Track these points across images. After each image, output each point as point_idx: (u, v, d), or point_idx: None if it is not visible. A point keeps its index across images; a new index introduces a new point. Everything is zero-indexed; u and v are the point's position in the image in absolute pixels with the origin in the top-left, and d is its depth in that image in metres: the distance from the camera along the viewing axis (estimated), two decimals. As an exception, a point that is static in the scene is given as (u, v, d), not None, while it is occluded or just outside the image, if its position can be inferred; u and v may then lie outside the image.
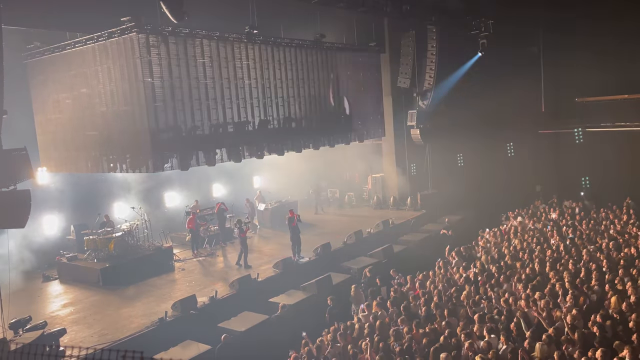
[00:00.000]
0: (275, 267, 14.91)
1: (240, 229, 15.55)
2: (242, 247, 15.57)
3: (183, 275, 15.26)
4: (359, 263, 15.56)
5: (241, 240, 15.57)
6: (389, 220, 19.73)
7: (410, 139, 22.44)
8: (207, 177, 21.36)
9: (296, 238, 15.76)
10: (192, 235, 17.31)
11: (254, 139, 16.00)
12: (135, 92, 13.55)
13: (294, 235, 15.81)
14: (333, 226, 20.77)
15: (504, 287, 10.69)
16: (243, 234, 15.55)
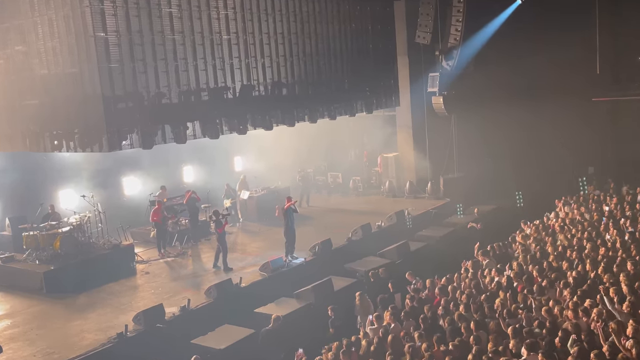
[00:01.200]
0: (263, 269, 14.98)
1: (218, 223, 15.57)
2: (220, 244, 15.63)
3: (147, 280, 15.35)
4: (366, 264, 15.65)
5: (218, 236, 15.62)
6: (404, 211, 19.83)
7: (431, 109, 22.45)
8: (176, 157, 21.42)
9: (292, 233, 15.80)
10: (157, 230, 17.36)
11: (235, 109, 15.95)
12: (84, 51, 13.38)
13: (288, 230, 15.84)
14: (334, 219, 20.92)
15: (546, 294, 10.76)
16: (220, 228, 15.56)
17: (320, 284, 13.88)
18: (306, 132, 22.31)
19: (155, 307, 12.59)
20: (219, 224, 15.56)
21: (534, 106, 22.88)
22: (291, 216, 15.87)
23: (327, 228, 19.33)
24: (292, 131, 19.80)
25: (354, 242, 17.35)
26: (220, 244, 15.64)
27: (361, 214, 20.87)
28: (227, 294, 13.68)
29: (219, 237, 15.62)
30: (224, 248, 15.60)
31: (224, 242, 15.68)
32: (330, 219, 20.79)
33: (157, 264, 16.64)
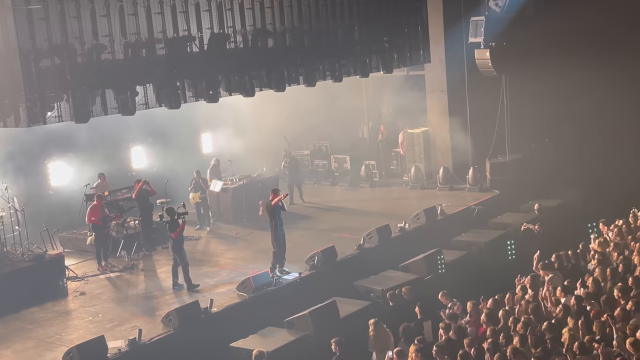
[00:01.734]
0: (242, 288, 15.00)
1: (172, 224, 15.54)
2: (176, 255, 15.63)
3: (82, 304, 15.40)
4: (384, 282, 15.69)
5: (173, 244, 15.60)
6: (436, 208, 19.86)
7: (473, 67, 22.42)
8: (121, 135, 21.42)
9: (281, 239, 15.87)
10: (96, 235, 17.41)
11: (202, 68, 15.91)
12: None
13: (277, 234, 15.86)
14: (340, 219, 20.99)
15: (633, 321, 10.76)
16: (175, 232, 15.51)
17: (320, 309, 13.90)
18: (301, 99, 22.30)
19: (93, 341, 12.61)
20: (173, 227, 15.52)
21: (615, 63, 22.72)
22: (279, 215, 15.85)
23: (329, 232, 19.34)
24: (282, 98, 19.77)
25: (367, 252, 17.36)
26: (176, 254, 15.62)
27: (377, 213, 20.88)
28: (193, 323, 13.68)
29: (174, 245, 15.61)
30: (182, 259, 15.59)
31: (181, 251, 15.65)
32: (334, 220, 20.81)
33: (97, 282, 16.65)
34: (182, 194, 19.93)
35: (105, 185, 19.35)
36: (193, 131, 24.06)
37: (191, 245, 18.42)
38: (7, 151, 18.64)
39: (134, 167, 22.43)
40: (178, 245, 15.59)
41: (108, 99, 14.46)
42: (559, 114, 23.39)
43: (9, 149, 18.64)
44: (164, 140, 22.49)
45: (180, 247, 15.61)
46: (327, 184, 25.47)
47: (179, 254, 15.59)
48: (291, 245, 17.86)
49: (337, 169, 25.59)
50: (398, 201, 22.47)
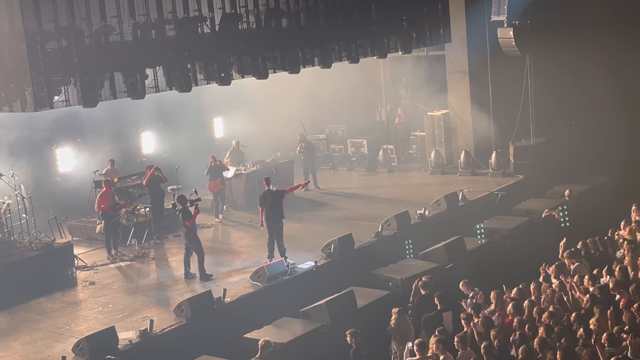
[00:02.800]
0: (256, 278, 15.04)
1: (185, 213, 15.59)
2: (190, 244, 15.70)
3: (92, 294, 15.49)
4: (403, 270, 15.69)
5: (187, 233, 15.65)
6: (457, 194, 19.82)
7: (496, 47, 22.28)
8: (131, 119, 21.50)
9: (276, 226, 15.95)
10: (106, 223, 17.49)
11: (214, 50, 15.86)
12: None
13: (270, 221, 16.00)
14: (357, 206, 21.03)
15: (664, 312, 10.67)
16: (190, 220, 15.57)
17: (337, 299, 13.89)
18: (316, 81, 22.25)
19: (104, 332, 12.65)
20: (186, 215, 15.57)
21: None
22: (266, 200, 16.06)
23: (346, 219, 19.36)
24: (296, 80, 19.71)
25: (386, 239, 17.34)
26: (190, 243, 15.68)
27: (395, 199, 20.89)
28: (206, 313, 13.72)
29: (188, 234, 15.66)
30: (198, 248, 15.65)
31: (196, 240, 15.73)
32: (351, 207, 20.84)
33: (106, 271, 16.73)
34: (193, 180, 19.96)
35: (115, 171, 19.43)
36: (205, 115, 24.10)
37: (203, 233, 18.46)
38: (13, 137, 18.75)
39: (144, 153, 22.52)
40: (192, 233, 15.63)
41: (117, 83, 14.44)
42: (586, 95, 23.19)
43: (15, 134, 18.74)
44: (175, 125, 22.55)
45: (194, 236, 15.67)
46: (344, 169, 25.44)
47: (194, 243, 15.64)
48: (306, 233, 17.86)
49: (353, 154, 25.54)
50: (417, 187, 22.45)
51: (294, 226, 18.76)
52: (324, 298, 13.80)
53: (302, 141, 22.82)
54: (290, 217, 19.55)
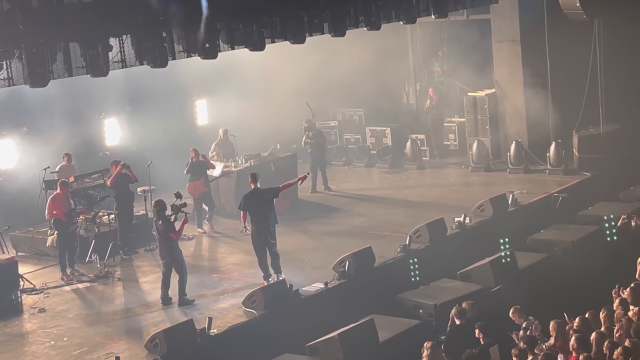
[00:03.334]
0: (250, 303, 15.01)
1: (167, 224, 15.58)
2: (172, 261, 15.71)
3: (42, 324, 15.42)
4: (437, 294, 15.65)
5: (169, 247, 15.63)
6: (506, 197, 19.79)
7: (556, 9, 22.22)
8: (91, 102, 21.50)
9: (264, 235, 16.07)
10: (60, 233, 17.50)
11: (195, 14, 15.79)
12: None
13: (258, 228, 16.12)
14: (377, 212, 20.97)
15: None
16: (175, 232, 15.60)
17: (353, 330, 13.83)
18: (326, 54, 22.18)
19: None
20: (168, 226, 15.53)
21: None
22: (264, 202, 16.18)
23: (364, 229, 19.33)
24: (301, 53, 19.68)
25: (415, 254, 17.28)
26: (172, 259, 15.62)
27: (427, 203, 20.82)
28: (186, 348, 13.67)
29: (171, 249, 15.59)
30: (181, 267, 15.62)
31: (181, 257, 15.69)
32: (371, 213, 20.81)
33: (60, 295, 16.70)
34: (170, 179, 19.95)
35: (71, 168, 19.39)
36: (184, 97, 24.08)
37: (183, 246, 18.46)
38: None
39: (107, 145, 22.50)
40: (170, 248, 15.59)
41: (73, 56, 14.40)
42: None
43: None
44: (147, 110, 22.52)
45: (172, 250, 15.62)
46: (361, 164, 25.44)
47: (176, 260, 15.59)
48: (314, 247, 17.80)
49: (374, 146, 25.53)
50: (455, 188, 22.39)
51: (297, 238, 18.74)
52: (337, 329, 13.77)
53: (309, 129, 22.78)
54: (294, 226, 19.59)
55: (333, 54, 22.52)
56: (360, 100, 25.91)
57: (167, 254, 15.71)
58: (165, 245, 15.68)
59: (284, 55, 20.86)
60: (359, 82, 24.86)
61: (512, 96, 23.59)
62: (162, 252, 15.91)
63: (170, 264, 15.68)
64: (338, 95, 25.26)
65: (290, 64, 22.54)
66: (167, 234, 15.53)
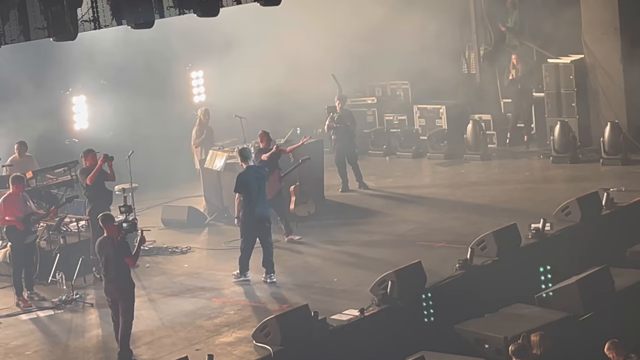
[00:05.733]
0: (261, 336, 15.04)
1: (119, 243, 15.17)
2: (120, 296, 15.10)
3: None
4: (508, 324, 15.57)
5: (116, 277, 15.02)
6: (599, 196, 19.70)
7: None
8: (55, 75, 21.78)
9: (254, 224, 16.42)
10: (14, 246, 17.61)
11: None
12: None
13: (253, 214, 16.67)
14: (430, 215, 21.04)
15: None
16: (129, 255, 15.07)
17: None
18: (358, 9, 22.29)
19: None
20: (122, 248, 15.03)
21: None
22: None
23: (411, 239, 19.39)
24: (325, 8, 19.66)
25: (479, 272, 17.30)
26: (121, 297, 15.09)
27: (494, 205, 20.87)
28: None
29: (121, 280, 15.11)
30: (129, 306, 15.06)
31: (130, 292, 15.23)
32: (420, 218, 20.87)
33: (15, 326, 16.73)
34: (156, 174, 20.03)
35: (27, 161, 19.53)
36: (176, 67, 24.18)
37: (176, 262, 18.61)
38: None
39: (75, 130, 22.67)
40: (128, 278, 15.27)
41: (30, 15, 14.51)
42: None
43: None
44: (126, 84, 22.64)
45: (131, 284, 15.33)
46: (407, 154, 25.53)
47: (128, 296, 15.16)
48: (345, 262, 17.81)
49: (424, 129, 25.59)
50: (532, 184, 22.42)
51: (324, 250, 18.88)
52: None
53: (336, 109, 22.71)
54: (319, 235, 19.68)
55: (367, 9, 22.48)
56: (405, 69, 25.89)
57: (116, 288, 15.23)
58: (115, 274, 15.22)
59: (303, 11, 20.88)
60: (402, 46, 24.84)
61: (606, 64, 23.60)
62: (109, 284, 15.22)
63: (117, 302, 15.33)
64: (376, 63, 25.23)
65: (311, 22, 22.54)
66: (121, 258, 15.29)
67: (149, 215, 21.49)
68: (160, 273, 18.24)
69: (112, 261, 14.97)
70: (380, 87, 26.44)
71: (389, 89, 26.44)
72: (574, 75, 23.84)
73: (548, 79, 24.25)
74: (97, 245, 15.24)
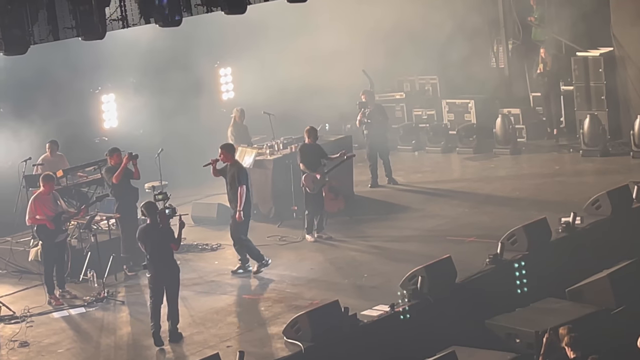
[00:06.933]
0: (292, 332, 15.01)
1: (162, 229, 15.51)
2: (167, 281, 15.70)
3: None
4: (539, 318, 15.52)
5: (160, 262, 15.48)
6: (630, 189, 19.59)
7: None
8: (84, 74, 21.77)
9: None
10: (44, 244, 17.62)
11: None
12: None
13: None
14: (459, 210, 21.04)
15: None
16: (174, 240, 15.49)
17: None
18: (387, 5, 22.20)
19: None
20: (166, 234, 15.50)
21: None
22: None
23: (441, 233, 19.39)
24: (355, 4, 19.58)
25: (509, 267, 17.23)
26: (168, 282, 15.53)
27: (524, 199, 20.85)
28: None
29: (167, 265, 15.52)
30: (176, 291, 15.58)
31: (176, 276, 15.64)
32: (450, 213, 20.85)
33: (47, 324, 16.76)
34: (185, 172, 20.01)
35: (58, 160, 19.56)
36: (204, 64, 24.19)
37: (206, 259, 18.63)
38: None
39: (104, 128, 22.73)
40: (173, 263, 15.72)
41: (59, 15, 14.52)
42: None
43: None
44: (155, 82, 22.68)
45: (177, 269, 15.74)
46: (437, 149, 25.50)
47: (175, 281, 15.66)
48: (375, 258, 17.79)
49: (453, 124, 25.54)
50: (562, 178, 22.33)
51: (354, 246, 18.87)
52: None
53: (367, 105, 22.72)
54: (348, 230, 19.71)
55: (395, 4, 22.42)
56: (433, 64, 25.82)
57: (165, 271, 15.55)
58: (163, 258, 15.59)
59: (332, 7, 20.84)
60: (431, 41, 24.76)
61: (636, 56, 23.49)
62: (156, 269, 15.53)
63: (164, 286, 15.57)
64: (405, 58, 25.16)
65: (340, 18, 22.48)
66: (166, 243, 15.56)
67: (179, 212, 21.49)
68: (190, 270, 18.22)
69: (158, 247, 15.35)
70: (409, 82, 26.39)
71: (418, 84, 26.39)
72: (603, 68, 23.74)
73: (577, 72, 24.15)
74: (141, 232, 15.50)
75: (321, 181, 19.08)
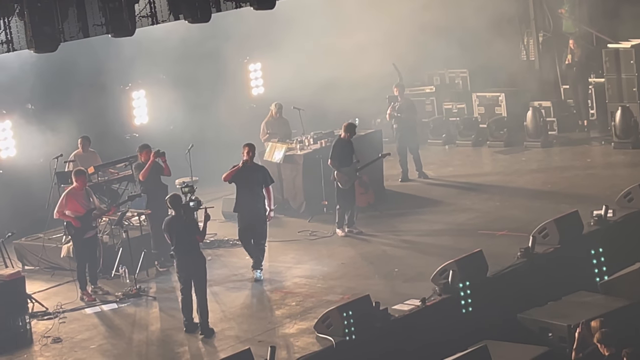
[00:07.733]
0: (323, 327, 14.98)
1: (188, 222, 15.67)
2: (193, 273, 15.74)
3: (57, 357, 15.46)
4: (571, 311, 15.39)
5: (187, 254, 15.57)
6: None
7: None
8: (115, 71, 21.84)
9: None
10: (76, 241, 17.64)
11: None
12: None
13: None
14: (490, 204, 20.95)
15: None
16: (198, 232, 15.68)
17: None
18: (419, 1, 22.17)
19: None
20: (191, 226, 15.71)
21: None
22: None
23: (472, 227, 19.35)
24: None
25: (541, 260, 17.18)
26: (194, 274, 15.59)
27: (556, 192, 20.76)
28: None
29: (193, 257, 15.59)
30: (203, 282, 15.60)
31: (202, 267, 15.67)
32: (481, 206, 20.81)
33: (80, 320, 16.82)
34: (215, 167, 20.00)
35: (90, 156, 19.62)
36: (234, 60, 24.22)
37: (237, 254, 18.62)
38: None
39: (135, 125, 22.82)
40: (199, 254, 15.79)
41: (89, 12, 14.54)
42: None
43: None
44: (185, 79, 22.70)
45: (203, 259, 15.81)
46: (467, 143, 25.47)
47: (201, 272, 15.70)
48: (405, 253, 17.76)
49: (483, 117, 25.47)
50: (594, 171, 22.24)
51: (384, 240, 18.83)
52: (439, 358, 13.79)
53: (397, 98, 22.72)
54: (379, 225, 19.69)
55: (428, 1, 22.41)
56: (463, 57, 25.75)
57: (191, 262, 15.64)
58: (188, 249, 15.66)
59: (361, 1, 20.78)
60: (461, 35, 24.68)
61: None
62: (182, 260, 15.69)
63: (191, 278, 15.74)
64: (435, 51, 25.10)
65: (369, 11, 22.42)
66: (192, 235, 15.65)
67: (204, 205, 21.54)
68: (222, 266, 18.29)
69: (182, 238, 15.48)
70: (439, 75, 26.33)
71: (447, 78, 26.34)
72: (634, 59, 23.59)
73: (608, 64, 24.02)
74: (166, 224, 15.61)
75: (353, 177, 19.10)
